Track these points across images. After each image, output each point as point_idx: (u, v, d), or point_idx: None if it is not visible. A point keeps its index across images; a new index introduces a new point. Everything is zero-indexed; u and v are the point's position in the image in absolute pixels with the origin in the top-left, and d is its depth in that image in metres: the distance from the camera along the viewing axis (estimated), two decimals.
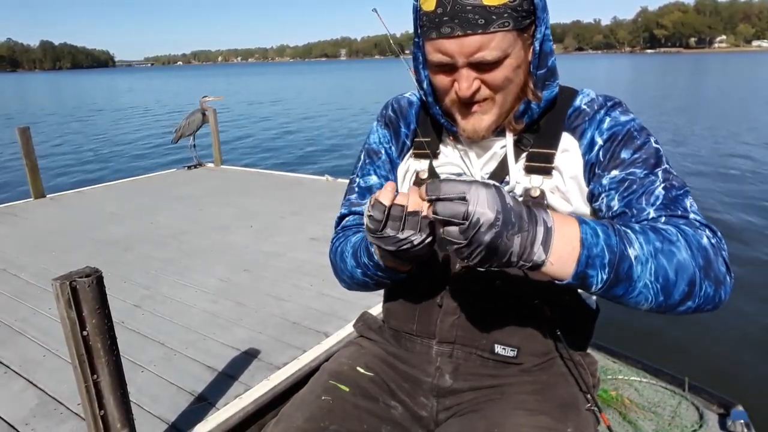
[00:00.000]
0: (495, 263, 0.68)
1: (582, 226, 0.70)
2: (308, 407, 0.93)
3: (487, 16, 0.75)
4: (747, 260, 5.01)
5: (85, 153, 13.24)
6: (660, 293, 0.71)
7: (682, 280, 0.71)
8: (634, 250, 0.70)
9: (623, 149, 0.84)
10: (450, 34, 0.77)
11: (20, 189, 8.31)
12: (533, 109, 0.87)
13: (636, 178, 0.82)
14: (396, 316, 1.04)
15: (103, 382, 1.60)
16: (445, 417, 0.96)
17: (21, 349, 2.63)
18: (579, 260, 0.69)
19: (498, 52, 0.78)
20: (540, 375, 0.95)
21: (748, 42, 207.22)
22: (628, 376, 2.34)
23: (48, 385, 2.31)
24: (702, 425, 2.01)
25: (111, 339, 1.58)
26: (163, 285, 3.35)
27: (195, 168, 7.34)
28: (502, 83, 0.82)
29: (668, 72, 48.03)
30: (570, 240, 0.69)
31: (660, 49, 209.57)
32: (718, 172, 8.73)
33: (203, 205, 5.35)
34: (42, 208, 5.44)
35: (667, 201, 0.79)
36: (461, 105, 0.85)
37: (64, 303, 1.49)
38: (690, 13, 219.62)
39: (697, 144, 11.29)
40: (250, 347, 2.57)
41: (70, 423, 2.07)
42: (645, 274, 0.70)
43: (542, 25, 0.81)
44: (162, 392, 2.25)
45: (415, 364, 1.00)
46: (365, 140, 1.09)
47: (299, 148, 13.09)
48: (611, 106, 0.89)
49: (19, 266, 3.73)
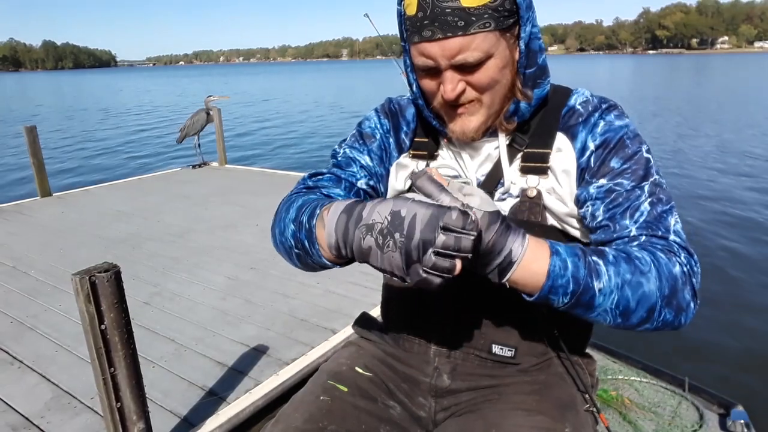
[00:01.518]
0: (478, 271, 0.72)
1: (552, 257, 0.72)
2: (307, 407, 0.93)
3: (467, 17, 0.75)
4: (747, 260, 5.02)
5: (89, 152, 13.29)
6: (618, 317, 0.75)
7: (642, 308, 0.74)
8: (600, 284, 0.73)
9: (614, 157, 0.84)
10: (431, 37, 0.77)
11: (26, 188, 8.37)
12: (523, 108, 0.87)
13: (623, 190, 0.82)
14: (394, 317, 1.05)
15: (120, 375, 1.64)
16: (443, 417, 0.97)
17: (33, 344, 2.67)
18: (542, 289, 0.73)
19: (479, 53, 0.77)
20: (538, 375, 0.95)
21: (750, 43, 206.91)
22: (628, 376, 2.34)
23: (61, 379, 2.35)
24: (702, 425, 2.01)
25: (128, 333, 1.62)
26: (172, 282, 3.39)
27: (200, 167, 7.38)
28: (487, 84, 0.81)
29: (671, 72, 47.99)
30: (536, 272, 0.72)
31: (662, 50, 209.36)
32: (730, 165, 8.75)
33: (209, 204, 5.39)
34: (49, 207, 5.49)
35: (651, 219, 0.80)
36: (448, 107, 0.85)
37: (83, 297, 1.53)
38: (692, 13, 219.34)
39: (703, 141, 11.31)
40: (259, 343, 2.61)
41: (83, 416, 2.11)
42: (606, 303, 0.74)
43: (527, 24, 0.81)
44: (173, 387, 2.28)
45: (413, 365, 1.00)
46: (358, 124, 1.05)
47: (302, 148, 13.14)
48: (606, 109, 0.88)
49: (28, 264, 3.77)
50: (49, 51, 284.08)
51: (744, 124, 14.02)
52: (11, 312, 3.02)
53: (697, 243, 5.50)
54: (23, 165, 10.47)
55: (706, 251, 5.25)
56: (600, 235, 0.84)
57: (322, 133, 15.57)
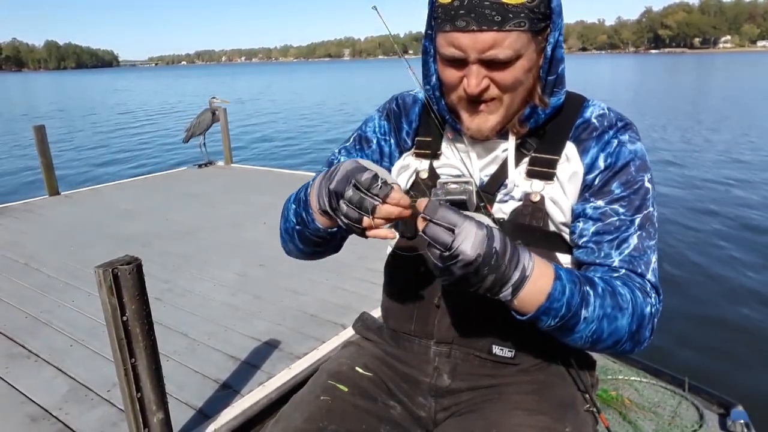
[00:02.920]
0: (461, 288, 0.73)
1: (555, 282, 0.75)
2: (307, 407, 0.93)
3: (504, 13, 0.74)
4: (747, 260, 5.03)
5: (94, 152, 13.36)
6: (588, 343, 0.81)
7: (611, 339, 0.80)
8: (587, 312, 0.77)
9: (616, 181, 0.86)
10: (465, 27, 0.75)
11: (33, 187, 8.43)
12: (539, 114, 0.86)
13: (617, 217, 0.85)
14: (394, 317, 1.04)
15: (141, 365, 1.68)
16: (443, 417, 0.97)
17: (48, 338, 2.71)
18: (539, 308, 0.75)
19: (511, 51, 0.76)
20: (538, 375, 0.95)
21: (753, 42, 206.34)
22: (628, 376, 2.35)
23: (77, 373, 2.40)
24: (702, 425, 2.02)
25: (149, 324, 1.66)
26: (182, 279, 3.44)
27: (205, 167, 7.43)
28: (511, 84, 0.80)
29: (675, 71, 47.89)
30: (539, 292, 0.74)
31: (664, 50, 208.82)
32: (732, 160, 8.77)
33: (216, 203, 5.44)
34: (58, 206, 5.54)
35: (635, 253, 0.84)
36: (468, 102, 0.84)
37: (106, 289, 1.57)
38: (694, 13, 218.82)
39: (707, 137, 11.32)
40: (270, 338, 2.65)
41: (101, 408, 2.15)
42: (585, 331, 0.78)
43: (556, 30, 0.80)
44: (188, 380, 2.33)
45: (413, 365, 1.00)
46: (360, 126, 1.07)
47: (307, 147, 13.18)
48: (621, 128, 0.88)
49: (40, 261, 3.82)
50: (52, 51, 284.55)
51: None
52: (25, 308, 3.07)
53: (696, 243, 5.53)
54: (29, 165, 10.57)
55: (705, 252, 5.28)
56: (582, 255, 0.87)
57: (327, 131, 15.60)
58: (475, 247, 0.67)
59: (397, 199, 0.72)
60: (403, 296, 1.01)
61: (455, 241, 0.67)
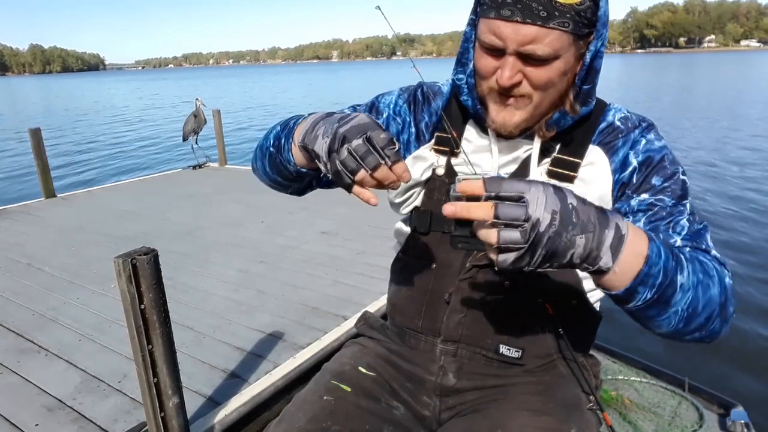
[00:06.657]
0: (555, 264, 0.63)
1: (651, 243, 0.67)
2: (310, 407, 0.93)
3: (551, 10, 0.74)
4: (747, 260, 4.98)
5: (85, 155, 13.32)
6: (682, 321, 0.72)
7: (705, 313, 0.72)
8: (683, 278, 0.69)
9: (655, 175, 0.85)
10: (509, 17, 0.75)
11: (28, 189, 8.43)
12: (567, 120, 0.86)
13: (665, 205, 0.83)
14: (401, 312, 1.03)
15: (157, 352, 1.77)
16: (447, 417, 0.97)
17: (57, 334, 2.78)
18: (638, 275, 0.65)
19: (550, 49, 0.75)
20: (543, 376, 0.95)
21: (736, 41, 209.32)
22: (628, 377, 2.34)
23: (88, 365, 2.47)
24: (702, 425, 2.01)
25: (165, 312, 1.75)
26: (184, 276, 3.51)
27: (200, 168, 7.49)
28: (544, 83, 0.79)
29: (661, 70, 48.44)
30: (638, 253, 0.65)
31: (650, 49, 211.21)
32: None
33: (213, 203, 5.51)
34: (55, 208, 5.58)
35: (692, 233, 0.81)
36: (498, 94, 0.83)
37: (125, 278, 1.66)
38: (679, 13, 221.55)
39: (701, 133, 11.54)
40: (274, 330, 2.74)
41: (113, 398, 2.23)
42: (681, 303, 0.70)
43: (599, 39, 0.79)
44: (196, 370, 2.41)
45: (418, 363, 0.99)
46: (376, 96, 1.04)
47: None
48: (646, 128, 0.89)
49: (42, 261, 3.87)
50: (37, 54, 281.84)
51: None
52: (32, 306, 3.12)
53: None
54: (24, 167, 10.54)
55: None
56: None
57: None
58: (548, 205, 0.60)
59: (402, 169, 0.70)
60: (411, 290, 1.01)
61: (530, 209, 0.59)
